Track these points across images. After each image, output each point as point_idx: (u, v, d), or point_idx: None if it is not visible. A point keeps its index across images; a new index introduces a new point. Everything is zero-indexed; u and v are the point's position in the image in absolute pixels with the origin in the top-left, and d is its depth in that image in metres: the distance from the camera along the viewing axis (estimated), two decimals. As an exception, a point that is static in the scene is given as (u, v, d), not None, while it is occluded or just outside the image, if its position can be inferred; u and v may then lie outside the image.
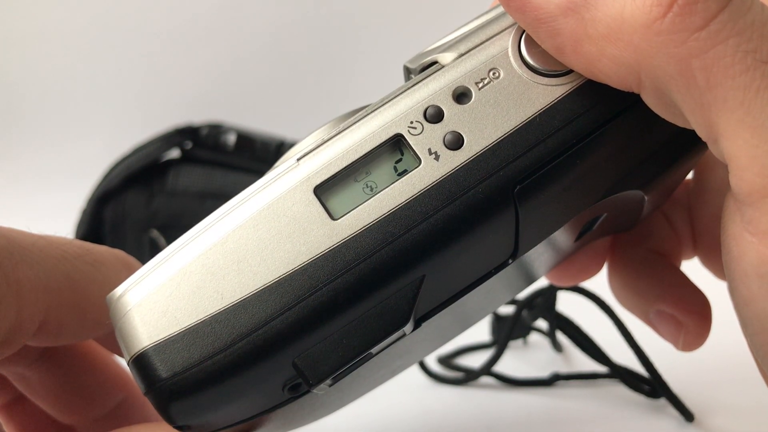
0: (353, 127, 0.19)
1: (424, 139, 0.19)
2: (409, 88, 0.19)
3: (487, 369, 0.38)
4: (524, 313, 0.39)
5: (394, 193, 0.18)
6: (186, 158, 0.54)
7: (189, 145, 0.54)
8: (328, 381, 0.19)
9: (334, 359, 0.18)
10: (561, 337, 0.41)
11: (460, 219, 0.18)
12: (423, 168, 0.18)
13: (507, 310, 0.41)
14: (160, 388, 0.18)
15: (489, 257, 0.20)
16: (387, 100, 0.19)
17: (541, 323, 0.41)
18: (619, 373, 0.36)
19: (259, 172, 0.19)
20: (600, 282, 0.31)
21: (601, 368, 0.37)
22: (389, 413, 0.36)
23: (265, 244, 0.18)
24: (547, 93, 0.19)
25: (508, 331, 0.38)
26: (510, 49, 0.19)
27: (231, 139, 0.54)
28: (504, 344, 0.38)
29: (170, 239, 0.19)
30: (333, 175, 0.19)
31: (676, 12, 0.16)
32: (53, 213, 0.57)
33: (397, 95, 0.19)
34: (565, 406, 0.36)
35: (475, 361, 0.40)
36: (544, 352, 0.42)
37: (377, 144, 0.19)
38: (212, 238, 0.18)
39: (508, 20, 0.20)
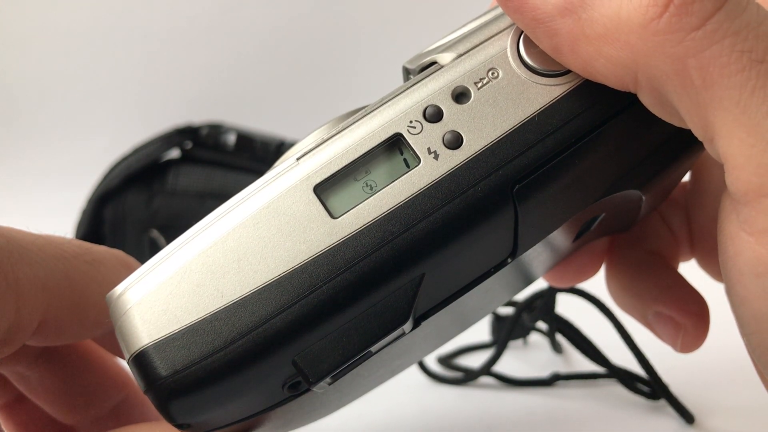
0: (353, 126, 0.19)
1: (424, 139, 0.19)
2: (408, 88, 0.20)
3: (486, 369, 0.38)
4: (524, 315, 0.39)
5: (394, 192, 0.18)
6: (186, 158, 0.54)
7: (189, 145, 0.54)
8: (328, 379, 0.19)
9: (334, 357, 0.18)
10: (561, 338, 0.41)
11: (460, 218, 0.18)
12: (422, 167, 0.19)
13: (507, 310, 0.41)
14: (160, 386, 0.18)
15: (488, 256, 0.20)
16: (386, 100, 0.20)
17: (541, 325, 0.41)
18: (618, 375, 0.36)
19: (259, 172, 0.19)
20: (599, 284, 0.31)
21: (601, 369, 0.37)
22: (389, 413, 0.36)
23: (265, 242, 0.18)
24: (545, 93, 0.19)
25: (507, 332, 0.38)
26: (509, 50, 0.20)
27: (231, 139, 0.54)
28: (504, 344, 0.38)
29: (170, 239, 0.19)
30: (333, 174, 0.19)
31: (672, 12, 0.16)
32: (53, 213, 0.57)
33: (397, 95, 0.20)
34: (565, 406, 0.36)
35: (475, 361, 0.40)
36: (544, 353, 0.42)
37: (377, 143, 0.19)
38: (212, 237, 0.18)
39: (507, 21, 0.20)
